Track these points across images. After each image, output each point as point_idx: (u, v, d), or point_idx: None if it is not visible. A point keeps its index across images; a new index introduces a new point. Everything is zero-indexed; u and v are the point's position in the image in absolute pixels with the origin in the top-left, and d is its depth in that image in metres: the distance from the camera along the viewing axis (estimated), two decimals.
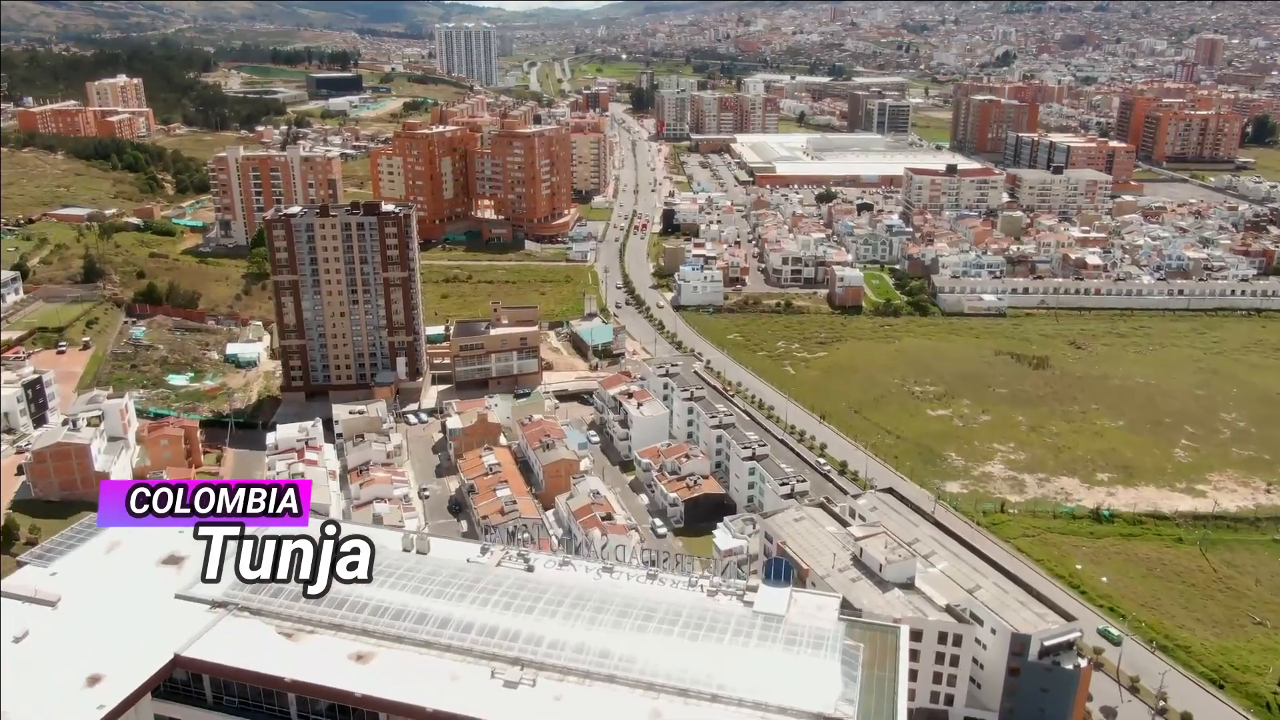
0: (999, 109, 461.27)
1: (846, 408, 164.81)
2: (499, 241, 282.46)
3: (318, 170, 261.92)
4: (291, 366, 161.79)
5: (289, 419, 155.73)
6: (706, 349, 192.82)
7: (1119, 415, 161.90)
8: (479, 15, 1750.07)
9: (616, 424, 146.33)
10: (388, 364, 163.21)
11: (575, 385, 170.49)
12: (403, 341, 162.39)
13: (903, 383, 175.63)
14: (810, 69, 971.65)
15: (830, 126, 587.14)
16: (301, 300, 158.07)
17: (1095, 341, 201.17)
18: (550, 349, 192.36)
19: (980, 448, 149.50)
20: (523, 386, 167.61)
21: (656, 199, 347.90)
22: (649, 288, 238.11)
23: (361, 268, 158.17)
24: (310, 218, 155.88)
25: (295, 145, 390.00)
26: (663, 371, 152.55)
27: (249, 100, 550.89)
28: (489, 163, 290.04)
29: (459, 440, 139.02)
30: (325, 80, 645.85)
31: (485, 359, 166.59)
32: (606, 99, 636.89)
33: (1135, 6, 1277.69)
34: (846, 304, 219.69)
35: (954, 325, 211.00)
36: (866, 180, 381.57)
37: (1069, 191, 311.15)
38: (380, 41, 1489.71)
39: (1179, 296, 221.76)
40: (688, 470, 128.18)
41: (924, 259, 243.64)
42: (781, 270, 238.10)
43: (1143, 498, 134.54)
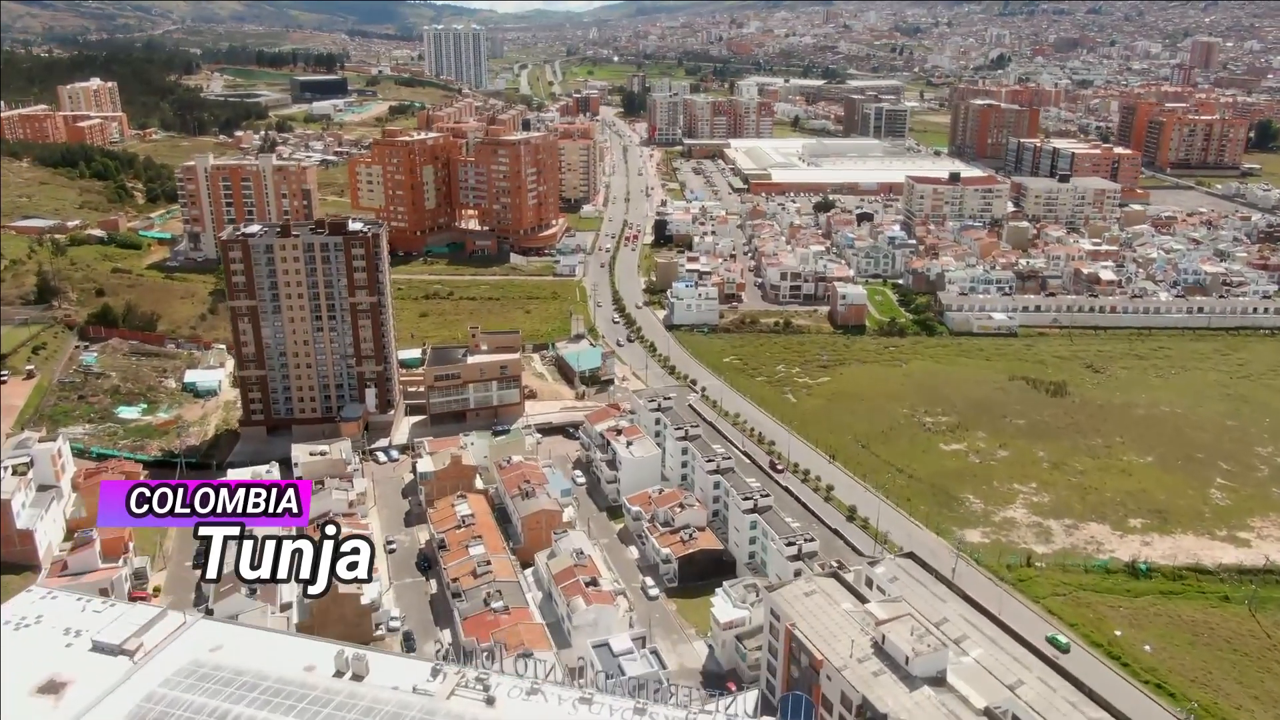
0: (999, 113, 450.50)
1: (853, 441, 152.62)
2: (483, 254, 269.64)
3: (291, 180, 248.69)
4: (251, 399, 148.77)
5: (247, 457, 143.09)
6: (702, 374, 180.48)
7: (1147, 450, 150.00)
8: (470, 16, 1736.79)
9: (604, 464, 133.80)
10: (356, 396, 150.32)
11: (560, 417, 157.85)
12: (372, 371, 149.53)
13: (912, 412, 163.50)
14: (804, 72, 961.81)
15: (826, 131, 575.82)
16: (261, 327, 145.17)
17: (1114, 364, 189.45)
18: (534, 374, 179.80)
19: (1000, 489, 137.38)
20: (502, 420, 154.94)
21: (648, 208, 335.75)
22: (640, 305, 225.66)
23: (327, 292, 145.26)
24: (270, 238, 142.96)
25: (273, 151, 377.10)
26: (654, 405, 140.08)
27: (230, 104, 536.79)
28: (473, 171, 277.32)
29: (430, 485, 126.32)
30: (309, 83, 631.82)
31: (462, 389, 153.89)
32: (597, 103, 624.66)
33: (1128, 9, 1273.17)
34: (849, 323, 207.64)
35: (963, 346, 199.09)
36: (865, 187, 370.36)
37: (1076, 201, 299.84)
38: (370, 43, 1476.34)
39: (1199, 315, 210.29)
40: (682, 521, 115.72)
41: (929, 274, 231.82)
42: (779, 286, 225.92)
43: (1181, 548, 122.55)
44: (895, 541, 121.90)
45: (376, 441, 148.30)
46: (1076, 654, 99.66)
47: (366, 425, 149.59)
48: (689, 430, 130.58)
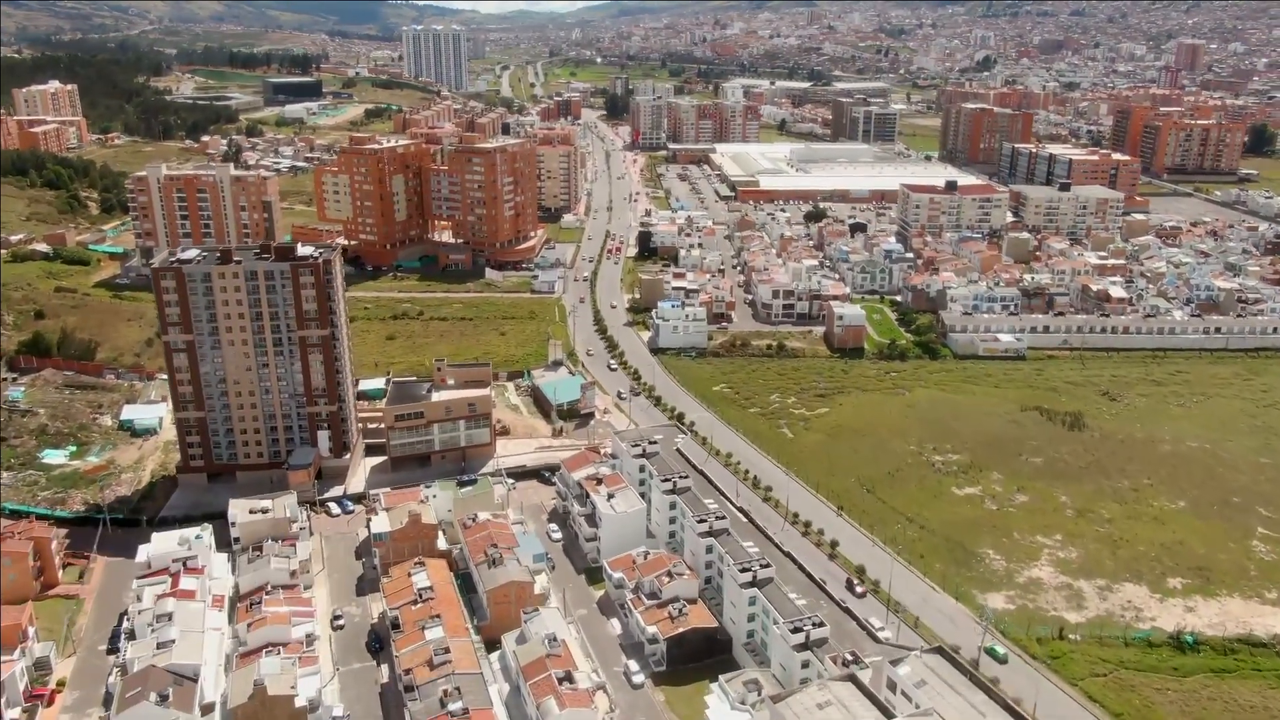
0: (991, 118, 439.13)
1: (857, 484, 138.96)
2: (457, 269, 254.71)
3: (251, 191, 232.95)
4: (190, 443, 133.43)
5: (184, 509, 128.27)
6: (690, 406, 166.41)
7: (1178, 493, 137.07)
8: (453, 17, 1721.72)
9: (582, 519, 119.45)
10: (307, 438, 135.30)
11: (535, 459, 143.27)
12: (325, 412, 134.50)
13: (920, 450, 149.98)
14: (789, 73, 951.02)
15: (813, 135, 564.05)
16: (199, 364, 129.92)
17: (1130, 391, 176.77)
18: (508, 406, 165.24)
19: (1022, 542, 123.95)
20: (471, 463, 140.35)
21: (632, 217, 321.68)
22: (623, 325, 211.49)
23: (273, 324, 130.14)
24: (208, 265, 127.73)
25: (237, 157, 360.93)
26: (638, 450, 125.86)
27: (198, 107, 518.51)
28: (446, 181, 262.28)
29: (385, 548, 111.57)
30: (282, 85, 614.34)
31: (426, 430, 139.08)
32: (579, 106, 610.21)
33: (1111, 10, 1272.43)
34: (846, 345, 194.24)
35: (969, 371, 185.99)
36: (856, 195, 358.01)
37: (1078, 210, 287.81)
38: (351, 44, 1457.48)
39: (1216, 335, 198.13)
40: (670, 593, 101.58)
41: (929, 290, 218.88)
42: (772, 305, 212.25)
43: (1229, 614, 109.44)
44: (910, 610, 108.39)
45: (329, 490, 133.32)
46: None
47: (319, 472, 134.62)
48: (677, 482, 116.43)
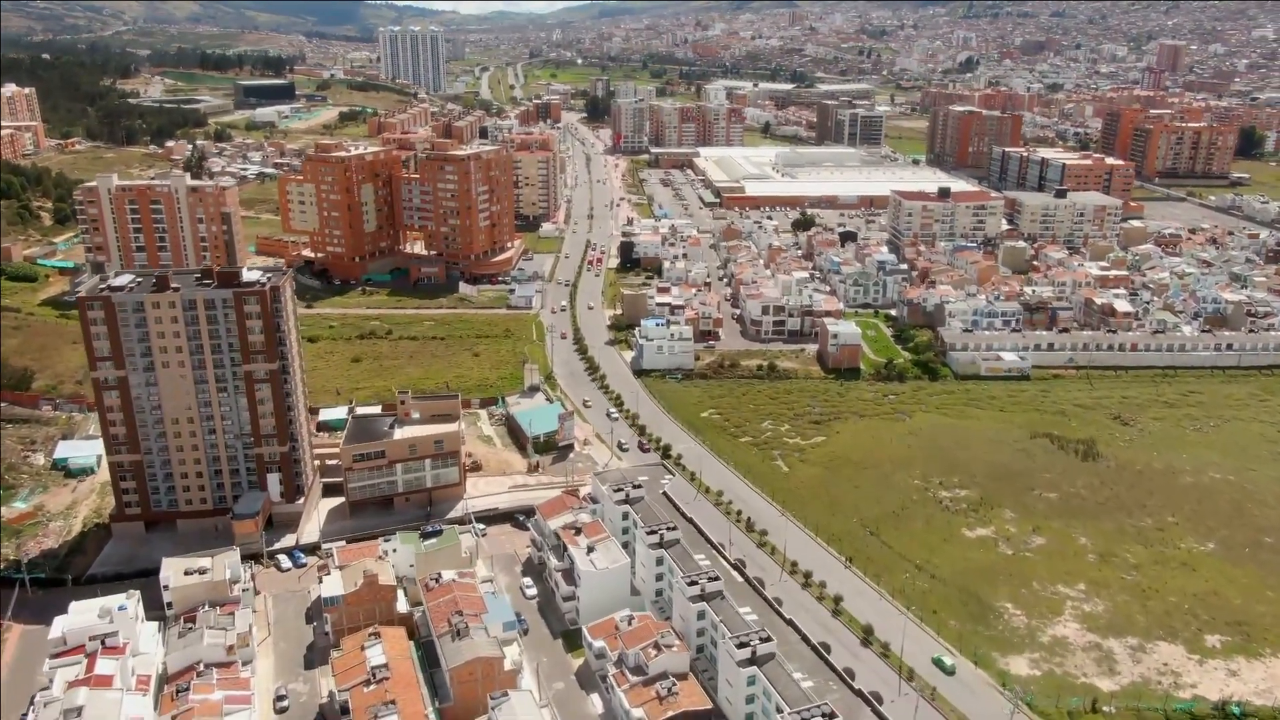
0: (980, 121, 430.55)
1: (859, 525, 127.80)
2: (429, 283, 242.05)
3: (208, 202, 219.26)
4: (125, 489, 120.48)
5: (117, 564, 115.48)
6: (676, 435, 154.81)
7: (1205, 532, 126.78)
8: (433, 18, 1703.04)
9: (560, 575, 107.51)
10: (255, 483, 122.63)
11: (508, 500, 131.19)
12: (275, 454, 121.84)
13: (925, 484, 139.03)
14: (771, 75, 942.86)
15: (798, 138, 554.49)
16: (133, 403, 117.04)
17: (1143, 415, 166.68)
18: (480, 438, 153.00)
19: (1042, 593, 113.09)
20: (438, 506, 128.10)
21: (613, 225, 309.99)
22: (604, 344, 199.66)
23: (215, 358, 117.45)
24: (141, 294, 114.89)
25: (201, 164, 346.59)
26: (621, 495, 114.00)
27: (165, 110, 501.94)
28: (417, 190, 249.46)
29: (337, 614, 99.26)
30: (254, 88, 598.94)
31: (389, 469, 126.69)
32: (558, 109, 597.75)
33: (1091, 11, 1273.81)
34: (841, 365, 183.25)
35: (971, 393, 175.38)
36: (844, 201, 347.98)
37: (1074, 218, 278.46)
38: (329, 45, 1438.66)
39: (1228, 352, 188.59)
40: (658, 668, 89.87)
41: (925, 304, 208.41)
42: (761, 321, 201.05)
43: (1276, 677, 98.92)
44: (924, 677, 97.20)
45: (280, 540, 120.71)
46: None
47: (269, 519, 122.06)
48: (664, 534, 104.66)
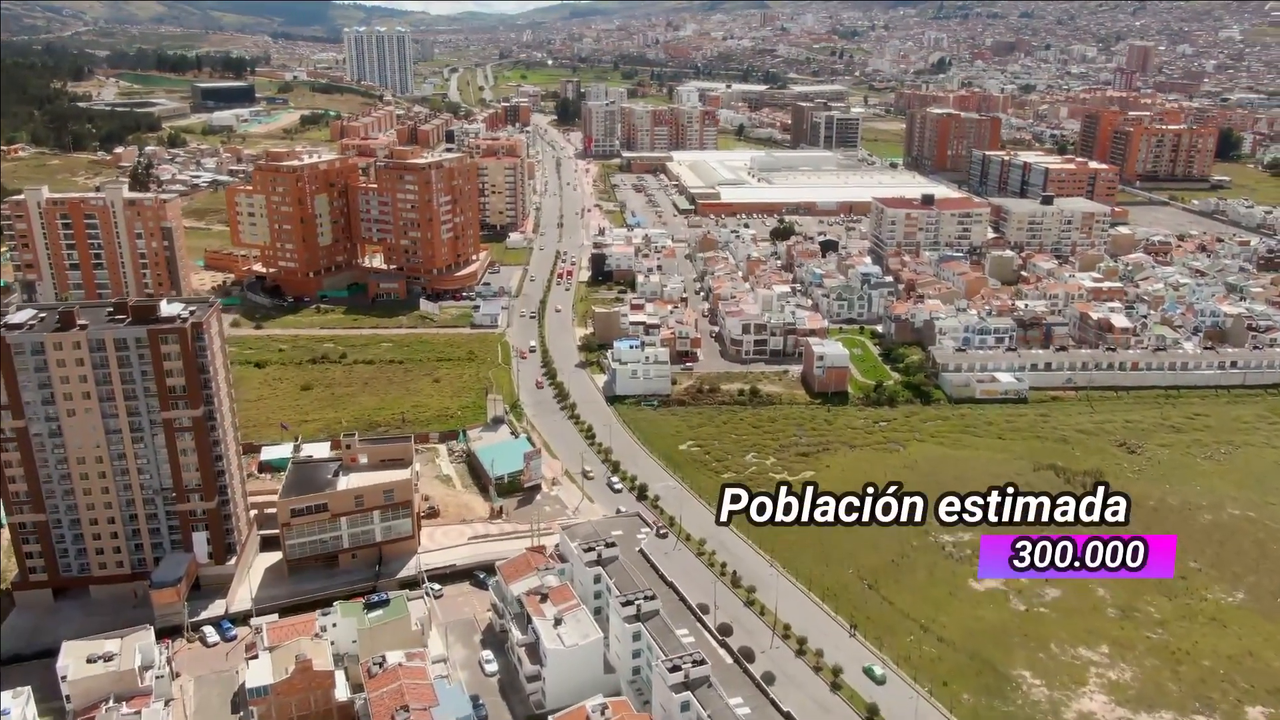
0: (958, 123, 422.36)
1: (855, 578, 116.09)
2: (389, 299, 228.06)
3: (147, 216, 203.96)
4: (29, 554, 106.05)
5: (16, 643, 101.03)
6: (653, 471, 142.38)
7: (1232, 580, 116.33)
8: (402, 18, 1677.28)
9: (523, 651, 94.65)
10: (179, 542, 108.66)
11: (466, 554, 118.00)
12: (201, 510, 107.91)
13: (925, 526, 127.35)
14: (743, 76, 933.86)
15: (773, 140, 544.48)
16: (36, 457, 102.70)
17: (1149, 441, 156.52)
18: (438, 478, 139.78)
19: (1062, 657, 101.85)
20: (389, 565, 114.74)
21: (584, 235, 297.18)
22: (575, 366, 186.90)
23: (129, 405, 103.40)
24: (42, 333, 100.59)
25: (150, 172, 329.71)
26: (593, 556, 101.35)
27: (117, 115, 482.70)
28: (375, 200, 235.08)
29: (265, 706, 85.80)
30: (212, 91, 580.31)
31: (333, 524, 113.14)
32: (528, 112, 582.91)
33: (1059, 12, 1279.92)
34: (828, 390, 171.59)
35: (966, 418, 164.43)
36: (823, 207, 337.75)
37: (1062, 225, 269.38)
38: (294, 46, 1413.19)
39: (1232, 371, 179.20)
40: None
41: (914, 320, 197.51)
42: (742, 341, 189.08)
43: None
44: None
45: (208, 607, 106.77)
46: None
47: (196, 583, 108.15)
48: (641, 606, 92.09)
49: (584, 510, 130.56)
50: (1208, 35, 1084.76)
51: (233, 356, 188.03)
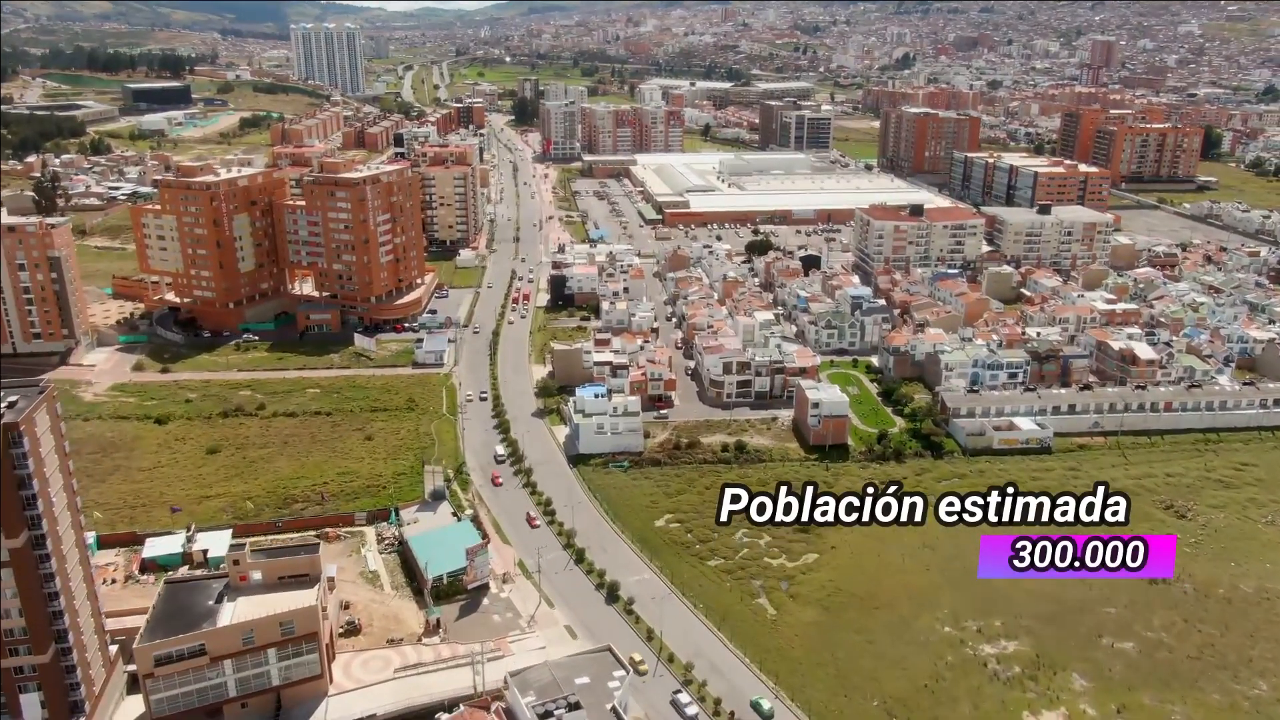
0: (936, 123, 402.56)
1: (882, 711, 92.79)
2: (320, 332, 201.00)
3: (30, 245, 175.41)
4: None
5: None
6: (625, 560, 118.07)
7: None
8: (357, 15, 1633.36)
9: None
10: (3, 707, 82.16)
11: (390, 704, 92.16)
12: (30, 667, 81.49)
13: (959, 632, 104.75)
14: (707, 72, 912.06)
15: (740, 141, 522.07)
16: None
17: (1198, 500, 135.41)
18: (364, 576, 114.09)
19: None
20: (288, 713, 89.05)
21: (543, 250, 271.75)
22: (531, 415, 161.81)
23: None
24: None
25: (55, 185, 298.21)
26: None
27: (37, 119, 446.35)
28: (304, 220, 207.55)
29: None
30: (145, 92, 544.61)
31: (214, 668, 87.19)
32: (482, 113, 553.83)
33: (1020, 8, 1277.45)
34: (825, 442, 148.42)
35: (986, 474, 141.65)
36: (800, 215, 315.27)
37: (1061, 236, 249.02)
38: (244, 43, 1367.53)
39: (1275, 410, 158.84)
40: None
41: (914, 354, 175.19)
42: (723, 382, 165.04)
43: None
44: None
45: None
46: None
47: None
48: None
49: (541, 618, 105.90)
50: (1167, 30, 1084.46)
51: (130, 411, 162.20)
